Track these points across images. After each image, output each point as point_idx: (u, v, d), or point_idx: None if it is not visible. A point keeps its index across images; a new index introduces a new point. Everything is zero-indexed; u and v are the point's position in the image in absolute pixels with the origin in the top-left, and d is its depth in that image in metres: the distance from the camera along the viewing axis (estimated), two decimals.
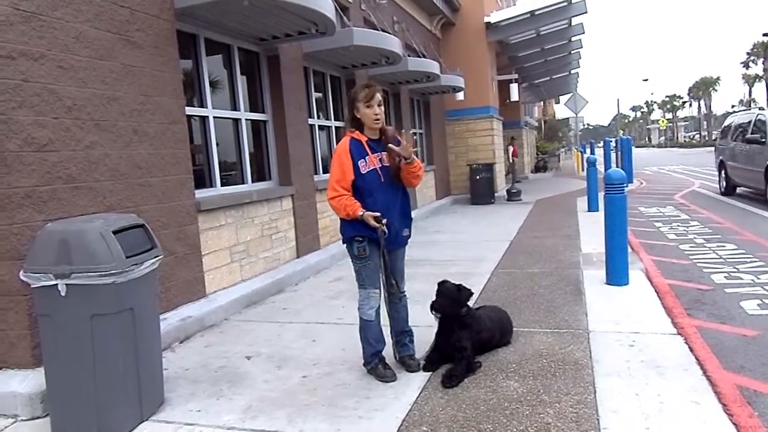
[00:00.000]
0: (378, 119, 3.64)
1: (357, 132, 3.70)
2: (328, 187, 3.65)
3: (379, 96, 3.63)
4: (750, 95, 62.07)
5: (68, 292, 2.96)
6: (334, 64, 8.81)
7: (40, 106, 3.71)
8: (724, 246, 7.57)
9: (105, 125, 4.25)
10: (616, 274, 5.59)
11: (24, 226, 3.55)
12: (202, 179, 5.83)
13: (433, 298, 3.85)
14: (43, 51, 3.75)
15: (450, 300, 3.81)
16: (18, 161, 3.55)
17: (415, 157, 3.67)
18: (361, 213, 3.53)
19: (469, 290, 3.92)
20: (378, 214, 3.55)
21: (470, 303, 3.97)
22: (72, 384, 3.06)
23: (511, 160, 21.26)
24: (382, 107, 3.67)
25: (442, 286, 3.87)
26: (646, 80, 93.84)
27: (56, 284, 2.96)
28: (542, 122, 40.36)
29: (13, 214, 3.51)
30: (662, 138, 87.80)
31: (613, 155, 20.73)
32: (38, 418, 3.40)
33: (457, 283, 3.92)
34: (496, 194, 15.04)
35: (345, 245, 3.77)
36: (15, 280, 3.38)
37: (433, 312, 3.83)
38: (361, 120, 3.66)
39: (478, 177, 14.72)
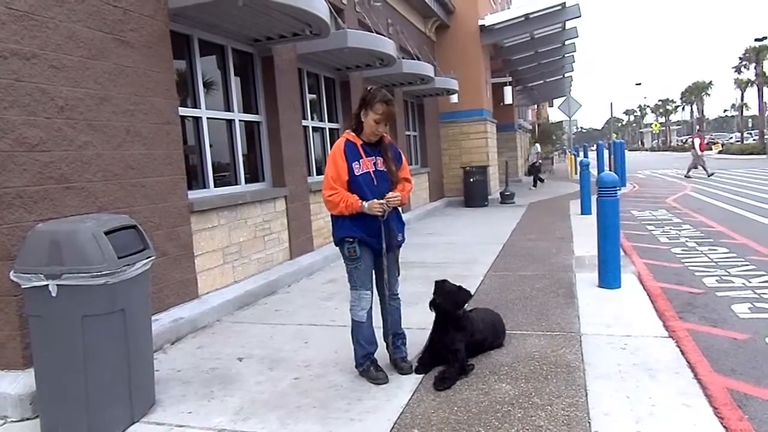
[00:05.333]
0: (376, 134, 3.67)
1: (353, 134, 3.71)
2: (324, 186, 3.66)
3: (392, 118, 3.65)
4: (742, 100, 62.40)
5: (59, 292, 2.94)
6: (329, 65, 8.80)
7: (32, 106, 3.69)
8: (715, 249, 7.61)
9: (97, 125, 4.23)
10: (609, 277, 5.61)
11: (15, 226, 3.53)
12: (195, 180, 5.82)
13: (432, 296, 3.85)
14: (35, 50, 3.73)
15: (451, 299, 3.81)
16: (9, 161, 3.52)
17: (394, 195, 3.65)
18: (362, 204, 3.55)
19: (468, 292, 3.93)
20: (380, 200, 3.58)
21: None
22: (62, 385, 3.04)
23: (699, 153, 20.82)
24: (387, 125, 3.68)
25: (444, 284, 3.86)
26: (639, 84, 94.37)
27: (47, 285, 2.94)
28: (536, 125, 40.46)
29: (4, 214, 3.48)
30: (655, 142, 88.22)
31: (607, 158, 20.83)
32: (28, 419, 3.38)
33: (458, 284, 3.92)
34: (489, 197, 15.08)
35: (337, 246, 3.77)
36: (5, 280, 3.36)
37: (432, 308, 3.82)
38: (362, 123, 3.67)
39: (471, 179, 14.75)
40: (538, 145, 19.96)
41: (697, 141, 21.44)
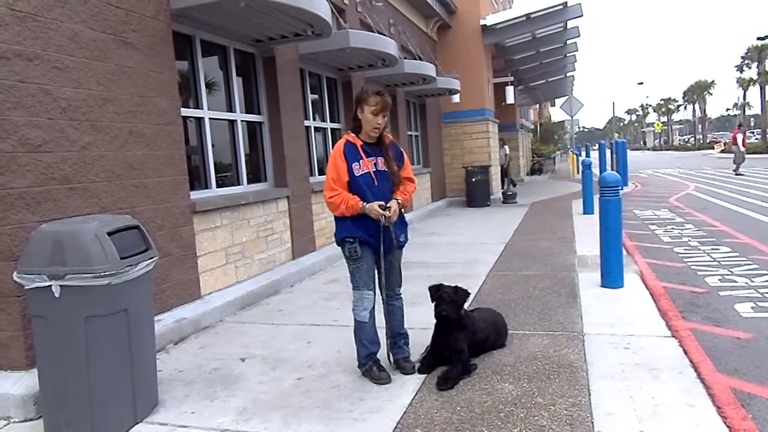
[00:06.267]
0: (378, 128, 3.65)
1: (353, 135, 3.71)
2: (325, 187, 3.67)
3: (388, 107, 3.63)
4: (744, 99, 62.21)
5: (62, 293, 2.95)
6: (330, 65, 8.81)
7: (35, 107, 3.70)
8: (718, 249, 7.59)
9: (100, 126, 4.23)
10: (611, 277, 5.60)
11: (18, 227, 3.53)
12: (197, 180, 5.82)
13: (432, 303, 3.84)
14: (38, 51, 3.74)
15: (454, 305, 3.80)
16: (12, 162, 3.53)
17: (395, 202, 3.67)
18: (363, 205, 3.55)
19: (466, 290, 3.92)
20: (382, 202, 3.57)
21: (465, 305, 3.97)
22: (66, 386, 3.05)
23: (742, 149, 20.26)
24: (386, 117, 3.66)
25: (442, 291, 3.84)
26: (642, 83, 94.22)
27: (50, 285, 2.95)
28: (538, 125, 40.44)
29: (7, 215, 3.49)
30: (657, 141, 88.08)
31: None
32: (31, 419, 3.39)
33: (453, 285, 3.91)
34: (491, 197, 15.07)
35: (339, 247, 3.77)
36: (8, 281, 3.37)
37: (443, 319, 3.80)
38: (361, 122, 3.66)
39: (473, 179, 14.74)
40: (506, 147, 19.49)
41: (740, 137, 20.94)
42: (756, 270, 6.27)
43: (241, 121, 6.62)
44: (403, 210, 3.80)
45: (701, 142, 67.46)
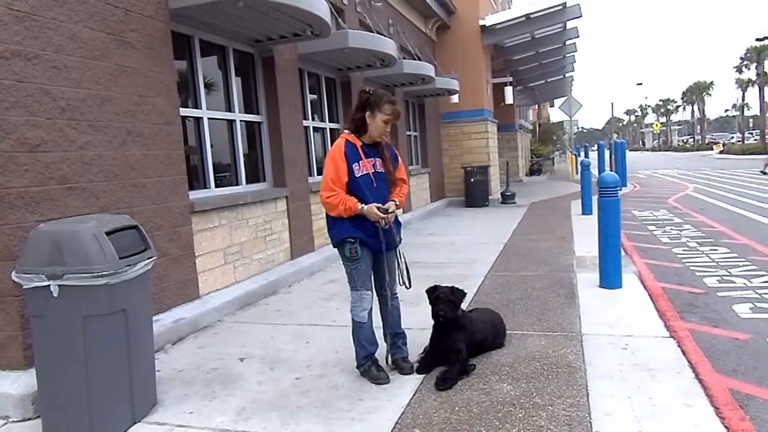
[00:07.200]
0: (383, 135, 3.70)
1: (353, 135, 3.70)
2: (322, 187, 3.65)
3: (400, 118, 3.70)
4: (743, 100, 62.33)
5: (60, 293, 2.95)
6: (329, 66, 8.81)
7: (34, 107, 3.70)
8: (716, 249, 7.60)
9: (99, 126, 4.23)
10: (610, 278, 5.61)
11: (16, 227, 3.53)
12: (196, 180, 5.82)
13: (429, 305, 3.84)
14: (36, 51, 3.74)
15: (451, 306, 3.80)
16: (11, 161, 3.53)
17: (393, 204, 3.70)
18: (362, 207, 3.54)
19: (462, 291, 3.93)
20: (379, 204, 3.58)
21: (463, 305, 3.98)
22: (64, 385, 3.05)
23: None
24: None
25: (439, 291, 3.84)
26: (641, 84, 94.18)
27: (48, 285, 2.94)
28: (537, 125, 40.44)
29: (6, 215, 3.49)
30: (656, 142, 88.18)
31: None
32: (29, 419, 3.39)
33: (449, 285, 3.92)
34: (490, 197, 15.06)
35: (336, 248, 3.76)
36: (7, 280, 3.37)
37: (441, 319, 3.81)
38: (367, 125, 3.66)
39: (472, 180, 14.73)
40: None
41: None
42: (754, 271, 6.28)
43: (240, 121, 6.62)
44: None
45: (700, 143, 67.55)
